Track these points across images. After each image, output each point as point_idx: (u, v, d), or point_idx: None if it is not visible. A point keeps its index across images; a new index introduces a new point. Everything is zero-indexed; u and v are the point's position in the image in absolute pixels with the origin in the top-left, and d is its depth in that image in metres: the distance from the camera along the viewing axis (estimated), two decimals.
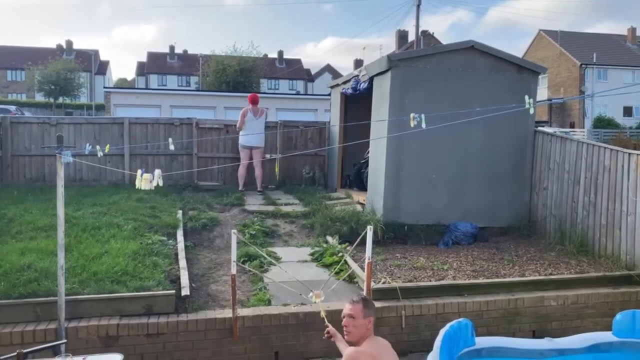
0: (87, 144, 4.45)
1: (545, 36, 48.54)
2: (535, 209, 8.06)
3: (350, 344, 3.24)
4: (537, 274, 6.21)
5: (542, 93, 42.56)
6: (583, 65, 44.65)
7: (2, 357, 3.54)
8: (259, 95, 10.18)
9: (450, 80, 7.67)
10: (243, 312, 5.06)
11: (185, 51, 68.42)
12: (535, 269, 6.38)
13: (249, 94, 10.43)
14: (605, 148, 6.95)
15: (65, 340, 4.24)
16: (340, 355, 3.43)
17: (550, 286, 5.95)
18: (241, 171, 9.56)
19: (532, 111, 3.87)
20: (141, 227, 6.80)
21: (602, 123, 38.62)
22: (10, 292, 4.83)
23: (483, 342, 4.55)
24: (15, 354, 3.00)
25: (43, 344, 4.13)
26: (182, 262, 5.88)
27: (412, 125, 3.88)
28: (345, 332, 3.26)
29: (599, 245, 6.88)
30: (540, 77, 8.70)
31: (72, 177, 9.21)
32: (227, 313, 5.00)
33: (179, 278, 5.50)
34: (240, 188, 9.52)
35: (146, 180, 3.89)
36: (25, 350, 3.14)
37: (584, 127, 38.94)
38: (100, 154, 4.48)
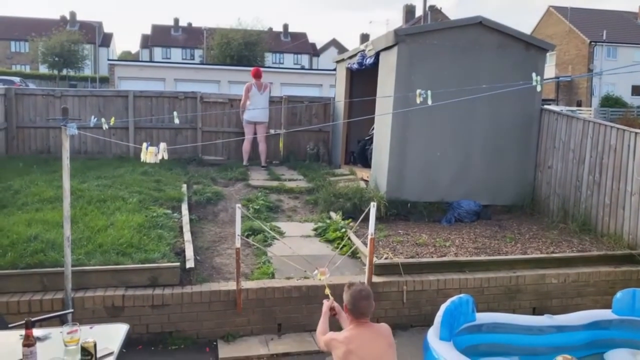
0: (93, 117, 4.45)
1: (554, 12, 47.73)
2: (539, 188, 8.06)
3: None
4: (538, 252, 6.24)
5: (550, 70, 42.09)
6: (592, 43, 44.00)
7: (11, 325, 3.62)
8: (262, 69, 10.08)
9: (457, 56, 7.59)
10: (247, 284, 5.12)
11: (189, 24, 67.76)
12: (537, 247, 6.42)
13: (252, 68, 10.34)
14: (611, 127, 6.91)
15: (72, 310, 4.33)
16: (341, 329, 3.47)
17: (551, 264, 5.99)
18: (246, 146, 9.55)
19: (539, 89, 3.84)
20: (146, 200, 6.84)
21: (609, 102, 38.23)
22: (17, 262, 4.90)
23: (483, 317, 4.61)
24: (23, 322, 3.05)
25: (50, 313, 4.21)
26: (187, 235, 5.94)
27: (418, 101, 3.86)
28: None
29: (602, 224, 6.89)
30: (548, 54, 8.59)
31: (77, 149, 9.24)
32: (231, 285, 5.06)
33: (183, 251, 5.56)
34: (244, 163, 9.53)
35: (151, 154, 3.90)
36: (33, 319, 3.20)
37: (591, 106, 38.57)
38: (105, 126, 4.48)
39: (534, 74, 3.68)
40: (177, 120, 4.59)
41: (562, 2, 47.33)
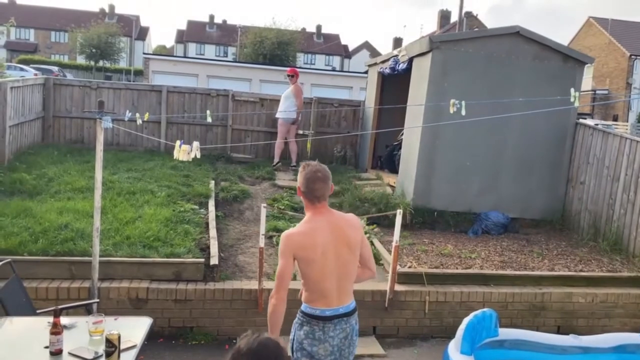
0: (127, 112, 4.53)
1: (594, 23, 46.60)
2: (570, 203, 7.88)
3: None
4: (566, 269, 6.10)
5: (587, 83, 41.09)
6: (633, 56, 42.80)
7: (40, 311, 3.72)
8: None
9: (492, 66, 7.47)
10: (269, 284, 5.14)
11: (224, 21, 68.50)
12: (565, 264, 6.28)
13: (288, 69, 10.29)
14: None
15: (97, 300, 4.42)
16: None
17: (579, 282, 5.85)
18: (281, 144, 9.48)
19: (576, 104, 3.75)
20: (174, 195, 6.94)
21: None
22: (48, 249, 5.03)
23: (506, 333, 4.52)
24: (51, 309, 3.13)
25: (76, 301, 4.32)
26: (213, 232, 5.99)
27: (451, 111, 3.81)
28: None
29: (635, 244, 6.70)
30: (585, 66, 8.39)
31: (109, 141, 9.41)
32: (253, 284, 5.09)
33: (208, 247, 5.62)
34: (276, 160, 9.44)
35: (184, 152, 3.94)
36: (60, 307, 3.28)
37: (627, 121, 37.52)
38: (139, 122, 4.56)
39: (572, 90, 3.59)
40: (209, 119, 4.64)
41: (603, 14, 46.24)
